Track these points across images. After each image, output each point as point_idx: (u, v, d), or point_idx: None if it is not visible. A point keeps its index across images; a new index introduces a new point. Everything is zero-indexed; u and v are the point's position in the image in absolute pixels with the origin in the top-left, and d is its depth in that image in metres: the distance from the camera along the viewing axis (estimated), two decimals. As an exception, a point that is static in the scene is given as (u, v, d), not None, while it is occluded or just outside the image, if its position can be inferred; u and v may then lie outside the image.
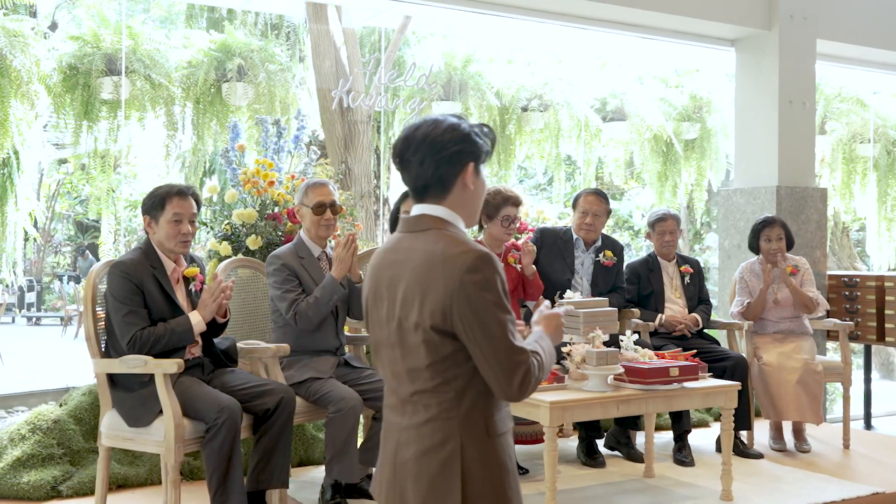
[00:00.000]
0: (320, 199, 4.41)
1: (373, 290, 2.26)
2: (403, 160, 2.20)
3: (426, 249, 2.14)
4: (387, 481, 2.23)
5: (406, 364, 2.16)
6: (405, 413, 2.19)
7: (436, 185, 2.18)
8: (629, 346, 4.45)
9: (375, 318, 2.25)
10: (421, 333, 2.11)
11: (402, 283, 2.15)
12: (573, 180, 10.94)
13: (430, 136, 2.16)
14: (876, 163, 10.34)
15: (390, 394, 2.26)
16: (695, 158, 9.54)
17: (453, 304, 2.07)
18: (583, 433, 5.19)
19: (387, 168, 9.04)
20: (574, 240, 5.40)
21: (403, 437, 2.19)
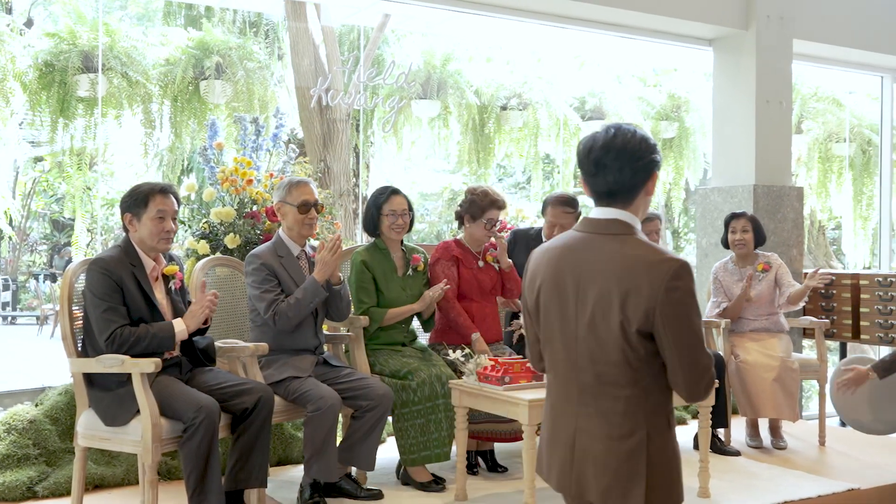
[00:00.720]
0: (305, 198, 4.39)
1: (552, 284, 2.37)
2: (599, 164, 2.33)
3: (624, 253, 2.28)
4: (561, 463, 2.38)
5: (596, 357, 2.30)
6: (587, 402, 2.34)
7: (627, 190, 2.33)
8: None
9: (555, 311, 2.37)
10: (621, 332, 2.25)
11: (595, 283, 2.29)
12: (552, 179, 10.95)
13: (629, 144, 2.32)
14: (851, 162, 10.42)
15: (567, 382, 2.38)
16: (673, 157, 9.59)
17: (657, 308, 2.20)
18: (561, 431, 5.20)
19: (365, 166, 9.02)
20: (544, 239, 5.41)
21: (584, 424, 2.34)
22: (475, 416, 4.55)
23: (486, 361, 4.25)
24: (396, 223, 4.71)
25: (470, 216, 4.92)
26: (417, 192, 11.31)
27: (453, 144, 8.84)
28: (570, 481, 2.37)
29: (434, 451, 4.46)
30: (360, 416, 4.28)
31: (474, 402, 4.25)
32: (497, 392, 4.07)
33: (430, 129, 8.64)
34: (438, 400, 4.45)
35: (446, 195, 11.84)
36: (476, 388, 4.19)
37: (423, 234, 11.91)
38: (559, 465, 2.40)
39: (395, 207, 4.70)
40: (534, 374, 4.18)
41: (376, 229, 4.74)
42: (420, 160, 10.68)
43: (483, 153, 8.59)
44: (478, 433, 4.70)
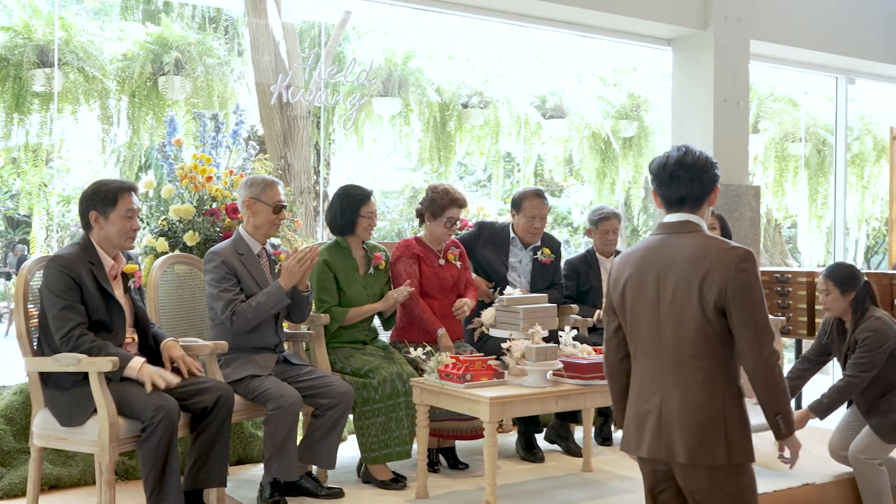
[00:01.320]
0: (279, 200, 4.38)
1: (637, 280, 2.84)
2: (674, 177, 2.85)
3: (698, 245, 2.77)
4: (651, 433, 2.80)
5: (679, 335, 2.74)
6: (672, 376, 2.76)
7: (696, 199, 2.86)
8: (568, 341, 4.49)
9: (640, 303, 2.83)
10: (700, 310, 2.71)
11: (675, 271, 2.76)
12: (513, 177, 10.99)
13: (698, 161, 2.87)
14: (807, 161, 10.58)
15: (654, 362, 2.81)
16: (632, 156, 9.66)
17: (728, 285, 2.67)
18: (522, 428, 5.22)
19: (326, 164, 8.98)
20: (511, 238, 5.42)
21: (669, 395, 2.76)
22: (436, 413, 4.55)
23: (448, 359, 4.25)
24: (372, 224, 4.73)
25: (430, 214, 4.92)
26: (378, 189, 11.27)
27: (414, 142, 8.84)
28: (660, 447, 2.78)
29: (395, 448, 4.46)
30: (320, 415, 4.27)
31: (435, 400, 4.26)
32: (458, 390, 4.07)
33: (392, 127, 8.63)
34: (399, 398, 4.45)
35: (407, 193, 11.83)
36: (437, 385, 4.19)
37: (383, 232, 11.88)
38: (650, 435, 2.80)
39: (372, 209, 4.71)
40: (494, 372, 4.19)
41: (351, 230, 4.72)
42: (381, 158, 10.65)
43: (444, 151, 8.59)
44: (439, 431, 4.70)
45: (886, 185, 9.99)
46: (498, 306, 4.56)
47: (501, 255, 5.39)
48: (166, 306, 4.52)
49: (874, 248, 14.34)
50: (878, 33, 8.48)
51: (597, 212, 5.81)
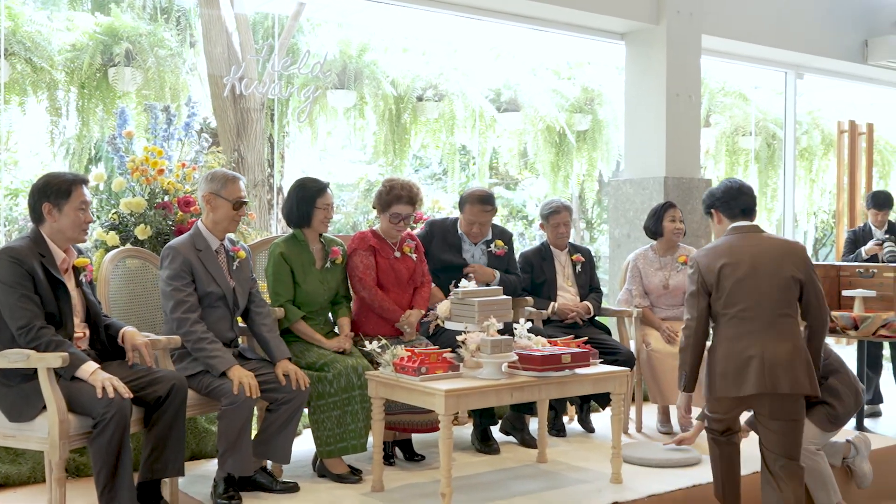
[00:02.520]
0: (240, 196, 4.35)
1: (731, 265, 3.96)
2: (743, 193, 4.19)
3: (775, 239, 4.09)
4: (757, 374, 3.84)
5: (774, 299, 3.92)
6: (770, 329, 3.90)
7: (754, 211, 4.19)
8: (523, 333, 4.50)
9: (738, 281, 3.94)
10: (791, 283, 3.94)
11: (766, 258, 3.97)
12: (468, 170, 11.00)
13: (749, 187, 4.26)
14: (757, 155, 10.72)
15: (754, 321, 3.91)
16: (586, 149, 9.72)
17: (801, 266, 3.97)
18: (477, 420, 5.24)
19: (280, 156, 8.92)
20: (461, 234, 5.43)
21: (769, 344, 3.87)
22: (392, 406, 4.55)
23: (403, 352, 4.25)
24: (329, 216, 4.71)
25: (380, 207, 4.92)
26: (333, 182, 11.19)
27: (369, 135, 8.81)
28: (766, 382, 3.83)
29: (350, 442, 4.45)
30: (275, 409, 4.25)
31: (391, 393, 4.25)
32: (414, 383, 4.08)
33: (346, 120, 8.59)
34: (355, 391, 4.44)
35: (362, 186, 11.79)
36: (392, 378, 4.19)
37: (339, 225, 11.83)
38: (755, 376, 3.85)
39: (328, 201, 4.69)
40: (449, 365, 4.20)
41: (308, 222, 4.69)
42: (336, 150, 10.60)
43: (399, 144, 8.58)
44: (394, 424, 4.70)
45: (834, 179, 10.17)
46: (453, 299, 4.56)
47: (455, 252, 5.40)
48: (118, 301, 4.46)
49: (822, 240, 14.59)
50: (827, 29, 8.62)
51: (547, 206, 5.84)
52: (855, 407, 4.61)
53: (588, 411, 5.81)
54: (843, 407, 4.58)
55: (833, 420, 4.59)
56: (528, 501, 4.27)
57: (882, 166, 11.58)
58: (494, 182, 11.94)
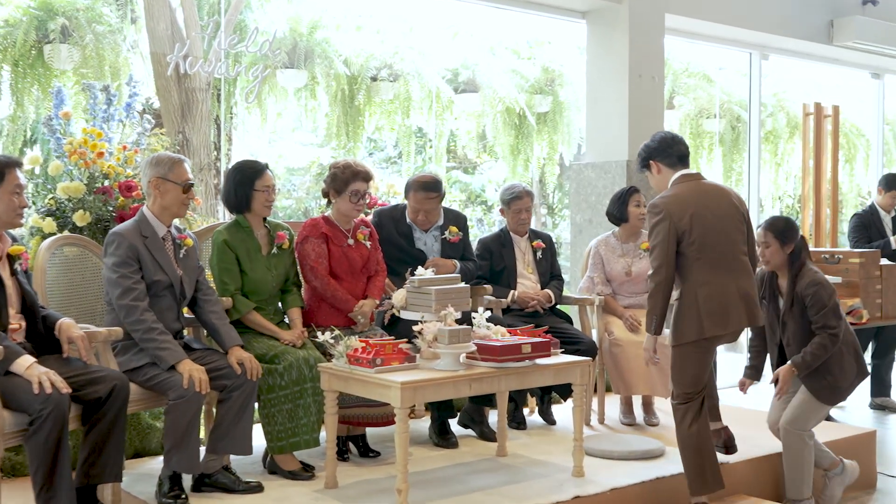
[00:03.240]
0: (189, 178, 4.31)
1: (700, 211, 4.32)
2: (679, 141, 4.55)
3: (718, 185, 4.57)
4: (738, 307, 4.32)
5: (738, 241, 4.36)
6: (739, 268, 4.35)
7: (689, 157, 4.57)
8: (481, 323, 4.51)
9: (708, 226, 4.31)
10: (743, 224, 4.41)
11: (723, 204, 4.41)
12: (424, 153, 10.97)
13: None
14: (721, 138, 10.83)
15: (726, 263, 4.31)
16: (547, 132, 9.75)
17: (743, 208, 4.46)
18: (435, 413, 5.25)
19: (227, 139, 8.83)
20: (409, 222, 5.42)
21: (741, 280, 4.34)
22: (345, 400, 4.53)
23: (357, 343, 4.23)
24: (270, 199, 4.67)
25: (335, 191, 4.89)
26: (284, 166, 11.16)
27: (321, 116, 8.76)
28: (747, 317, 4.31)
29: (303, 437, 4.43)
30: (227, 398, 4.22)
31: (344, 386, 4.24)
32: (368, 375, 4.07)
33: (297, 101, 8.53)
34: (307, 384, 4.41)
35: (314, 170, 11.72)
36: (346, 370, 4.17)
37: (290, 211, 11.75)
38: (738, 312, 4.29)
39: (268, 183, 4.65)
40: (405, 356, 4.19)
41: (248, 206, 4.65)
42: (286, 133, 10.52)
43: (352, 126, 8.54)
44: (348, 418, 4.69)
45: (799, 162, 10.30)
46: (409, 287, 4.55)
47: (407, 240, 5.39)
48: (55, 291, 4.39)
49: (787, 225, 14.78)
50: (792, 9, 8.71)
51: (508, 191, 5.84)
52: (857, 381, 4.75)
53: (549, 403, 5.84)
54: (846, 379, 4.70)
55: (833, 391, 4.70)
56: (487, 496, 4.28)
57: (848, 150, 11.75)
58: (452, 166, 11.94)
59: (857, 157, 11.94)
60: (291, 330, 4.68)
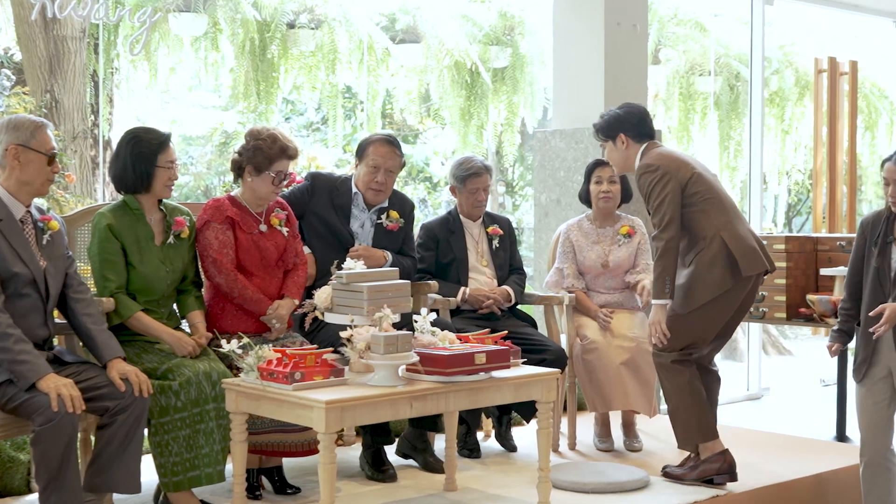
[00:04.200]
0: (53, 147, 4.26)
1: (700, 168, 5.07)
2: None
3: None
4: (763, 252, 5.00)
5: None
6: (738, 212, 5.06)
7: None
8: (425, 327, 4.51)
9: (709, 181, 5.04)
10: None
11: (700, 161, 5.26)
12: (354, 118, 10.95)
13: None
14: (717, 100, 10.94)
15: (729, 201, 5.06)
16: (505, 92, 9.78)
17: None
18: (368, 440, 5.25)
19: (108, 100, 8.73)
20: (354, 195, 5.41)
21: (746, 222, 5.11)
22: (257, 424, 4.52)
23: (271, 353, 4.21)
24: (173, 177, 4.65)
25: (253, 167, 4.85)
26: (179, 134, 11.07)
27: (225, 72, 8.70)
28: (766, 259, 5.03)
29: (204, 470, 4.41)
30: (110, 423, 4.18)
31: (255, 407, 4.22)
32: (285, 392, 4.05)
33: (195, 52, 8.46)
34: (208, 404, 4.39)
35: (217, 138, 11.64)
36: (258, 387, 4.15)
37: (187, 190, 11.67)
38: (762, 251, 5.00)
39: (172, 157, 4.62)
40: (331, 369, 4.19)
41: (147, 186, 4.60)
42: (181, 93, 10.45)
43: (265, 84, 8.50)
44: (261, 446, 4.67)
45: (810, 130, 10.44)
46: (335, 284, 4.54)
47: (343, 216, 5.37)
48: None
49: (796, 206, 15.00)
50: (802, -58, 8.83)
51: (463, 166, 5.84)
52: None
53: (508, 425, 5.87)
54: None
55: None
56: (432, 540, 4.30)
57: (868, 114, 11.94)
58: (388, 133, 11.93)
59: (879, 124, 12.14)
60: (190, 337, 4.64)
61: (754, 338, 8.75)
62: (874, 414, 4.88)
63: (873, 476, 4.90)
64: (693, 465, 5.02)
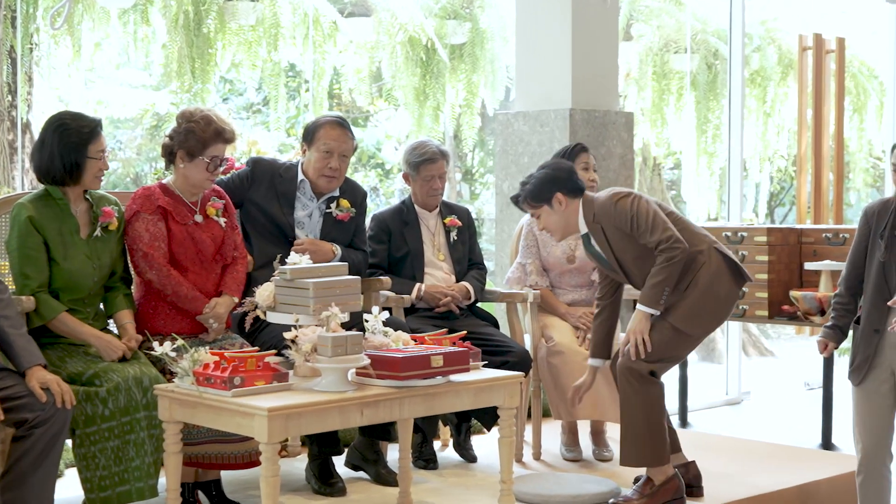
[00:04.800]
0: None
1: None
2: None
3: None
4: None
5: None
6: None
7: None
8: (377, 328, 4.52)
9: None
10: None
11: None
12: (298, 99, 10.92)
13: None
14: (694, 79, 11.01)
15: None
16: (464, 70, 9.79)
17: None
18: (315, 450, 5.25)
19: (27, 79, 8.67)
20: (300, 182, 5.40)
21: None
22: (193, 433, 4.51)
23: (208, 356, 4.20)
24: (104, 167, 4.63)
25: (186, 152, 4.84)
26: (106, 116, 11.01)
27: (157, 48, 8.66)
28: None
29: (135, 485, 4.39)
30: (26, 436, 4.14)
31: (191, 415, 4.21)
32: (223, 399, 4.04)
33: (123, 27, 8.41)
34: (139, 413, 4.37)
35: (147, 121, 11.59)
36: (193, 394, 4.14)
37: (115, 178, 11.62)
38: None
39: (103, 146, 4.60)
40: (274, 373, 4.18)
41: (77, 178, 4.57)
42: (108, 71, 10.37)
43: (200, 62, 8.46)
44: (197, 458, 4.66)
45: (794, 112, 10.53)
46: (278, 281, 4.54)
47: (286, 205, 5.37)
48: None
49: (779, 195, 15.14)
50: None
51: (417, 150, 5.85)
52: None
53: (468, 434, 5.89)
54: None
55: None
56: (385, 560, 4.32)
57: (856, 95, 12.05)
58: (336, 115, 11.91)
59: (868, 105, 12.25)
60: (118, 339, 4.63)
61: (734, 338, 8.81)
62: (876, 419, 4.85)
63: (872, 486, 4.89)
64: (651, 493, 4.92)
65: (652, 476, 4.91)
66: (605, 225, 4.94)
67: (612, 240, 4.96)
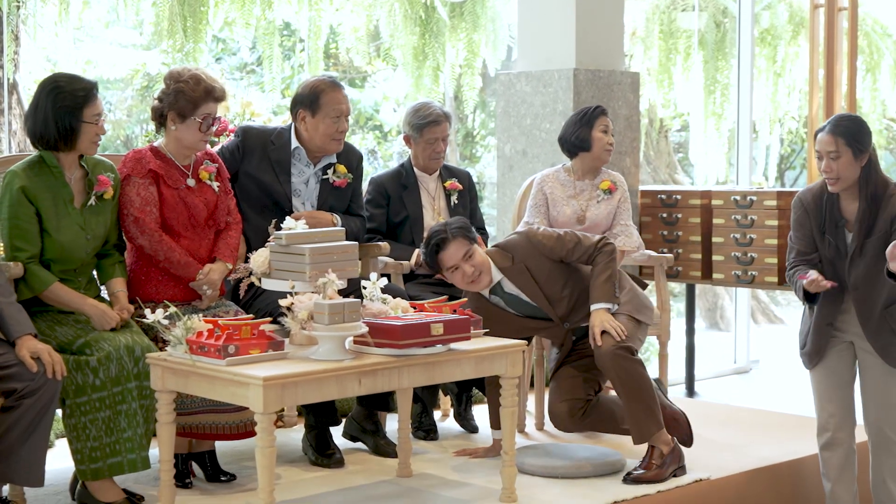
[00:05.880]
0: None
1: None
2: None
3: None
4: None
5: None
6: None
7: None
8: (375, 295, 4.52)
9: None
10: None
11: None
12: (293, 58, 10.88)
13: None
14: (702, 39, 10.96)
15: None
16: (464, 29, 9.75)
17: None
18: (311, 421, 5.26)
19: (14, 38, 8.63)
20: (294, 149, 5.38)
21: None
22: (186, 403, 4.52)
23: (201, 324, 4.20)
24: (100, 132, 4.62)
25: (176, 114, 4.82)
26: (96, 76, 10.97)
27: (147, 6, 8.61)
28: None
29: (126, 456, 4.40)
30: (15, 406, 4.16)
31: (184, 384, 4.22)
32: (218, 368, 4.05)
33: (112, -16, 8.36)
34: (130, 382, 4.38)
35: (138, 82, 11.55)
36: (187, 363, 4.15)
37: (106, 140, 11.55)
38: None
39: (98, 110, 4.58)
40: (269, 342, 4.18)
41: (71, 143, 4.54)
42: (98, 30, 10.32)
43: (192, 20, 8.41)
44: (191, 428, 4.67)
45: (805, 72, 10.49)
46: (273, 246, 4.53)
47: (282, 173, 5.35)
48: None
49: (789, 158, 15.10)
50: None
51: (420, 112, 5.83)
52: None
53: (469, 403, 5.90)
54: None
55: None
56: (384, 532, 4.33)
57: (870, 55, 12.01)
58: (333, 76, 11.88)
59: (882, 65, 12.21)
60: (111, 308, 4.62)
61: (742, 305, 8.82)
62: (839, 392, 4.98)
63: (843, 458, 5.00)
64: (661, 464, 4.94)
65: (656, 445, 4.94)
66: (531, 262, 5.04)
67: (538, 274, 5.05)
